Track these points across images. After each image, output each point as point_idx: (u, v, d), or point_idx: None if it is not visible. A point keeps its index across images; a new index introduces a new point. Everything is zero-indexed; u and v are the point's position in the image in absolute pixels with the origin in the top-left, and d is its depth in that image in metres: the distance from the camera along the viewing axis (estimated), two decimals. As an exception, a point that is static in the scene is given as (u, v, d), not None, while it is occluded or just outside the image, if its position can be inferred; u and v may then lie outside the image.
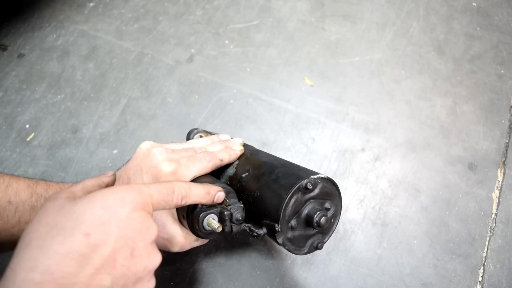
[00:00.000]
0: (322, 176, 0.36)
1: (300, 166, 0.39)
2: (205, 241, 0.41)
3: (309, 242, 0.37)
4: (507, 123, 0.63)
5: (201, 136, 0.50)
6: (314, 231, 0.37)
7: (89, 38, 0.69)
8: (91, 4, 0.73)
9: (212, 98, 0.63)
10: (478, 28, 0.74)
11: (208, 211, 0.35)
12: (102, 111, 0.61)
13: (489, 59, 0.70)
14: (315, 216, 0.34)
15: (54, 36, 0.69)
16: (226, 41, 0.70)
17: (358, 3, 0.76)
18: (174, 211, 0.38)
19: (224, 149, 0.43)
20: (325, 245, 0.51)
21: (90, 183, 0.31)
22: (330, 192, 0.37)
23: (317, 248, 0.37)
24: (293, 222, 0.35)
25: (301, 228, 0.36)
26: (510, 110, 0.64)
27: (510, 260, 0.51)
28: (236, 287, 0.48)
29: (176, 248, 0.37)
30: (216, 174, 0.43)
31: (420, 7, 0.76)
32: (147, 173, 0.38)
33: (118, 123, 0.60)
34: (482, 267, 0.51)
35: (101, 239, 0.23)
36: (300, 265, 0.50)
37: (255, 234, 0.35)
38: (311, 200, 0.36)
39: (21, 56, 0.66)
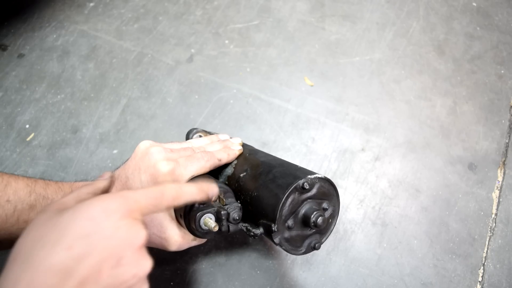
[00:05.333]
0: (320, 176, 0.35)
1: (298, 166, 0.38)
2: (203, 240, 0.41)
3: (307, 242, 0.37)
4: (507, 123, 0.63)
5: (200, 136, 0.50)
6: (312, 231, 0.37)
7: (89, 38, 0.69)
8: (91, 4, 0.73)
9: (212, 98, 0.63)
10: (478, 28, 0.74)
11: (205, 211, 0.35)
12: (102, 111, 0.61)
13: (489, 59, 0.70)
14: (312, 216, 0.34)
15: (54, 36, 0.69)
16: (226, 41, 0.70)
17: (358, 3, 0.76)
18: (172, 210, 0.38)
19: (223, 148, 0.43)
20: (325, 245, 0.51)
21: (85, 191, 0.30)
22: (328, 192, 0.37)
23: (315, 248, 0.37)
24: (290, 222, 0.35)
25: (298, 228, 0.36)
26: (510, 110, 0.64)
27: (510, 260, 0.51)
28: (236, 287, 0.48)
29: (173, 247, 0.37)
30: (215, 174, 0.43)
31: (420, 7, 0.76)
32: (145, 172, 0.38)
33: (118, 123, 0.60)
34: (482, 267, 0.51)
35: (85, 251, 0.23)
36: (300, 265, 0.50)
37: (252, 233, 0.35)
38: (308, 200, 0.35)
39: (21, 56, 0.66)
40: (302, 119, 0.62)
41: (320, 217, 0.34)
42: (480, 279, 0.50)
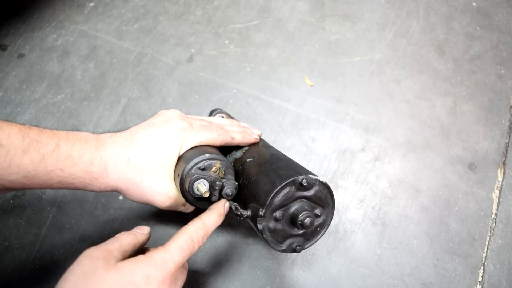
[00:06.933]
0: (320, 179, 0.35)
1: (305, 167, 0.39)
2: (189, 209, 0.41)
3: (289, 241, 0.37)
4: (507, 123, 0.63)
5: (222, 117, 0.52)
6: (298, 232, 0.37)
7: (89, 38, 0.69)
8: (91, 4, 0.73)
9: (212, 98, 0.63)
10: (478, 28, 0.74)
11: (201, 176, 0.36)
12: (102, 111, 0.61)
13: (489, 59, 0.70)
14: (300, 215, 0.34)
15: (54, 36, 0.69)
16: (226, 41, 0.70)
17: (358, 3, 0.76)
18: (173, 169, 0.39)
19: (240, 131, 0.44)
20: (325, 245, 0.51)
21: (126, 241, 0.32)
22: (325, 199, 0.37)
23: (295, 250, 0.37)
24: (278, 214, 0.34)
25: (285, 223, 0.36)
26: (510, 110, 0.64)
27: (510, 260, 0.51)
28: (236, 287, 0.48)
29: (164, 205, 0.38)
30: (224, 154, 0.44)
31: (420, 7, 0.76)
32: (157, 127, 0.39)
33: (118, 123, 0.60)
34: (482, 267, 0.51)
35: None
36: (300, 265, 0.50)
37: (239, 213, 0.36)
38: (303, 199, 0.35)
39: (21, 56, 0.66)
40: (302, 119, 0.62)
41: (308, 218, 0.34)
42: (480, 279, 0.50)
